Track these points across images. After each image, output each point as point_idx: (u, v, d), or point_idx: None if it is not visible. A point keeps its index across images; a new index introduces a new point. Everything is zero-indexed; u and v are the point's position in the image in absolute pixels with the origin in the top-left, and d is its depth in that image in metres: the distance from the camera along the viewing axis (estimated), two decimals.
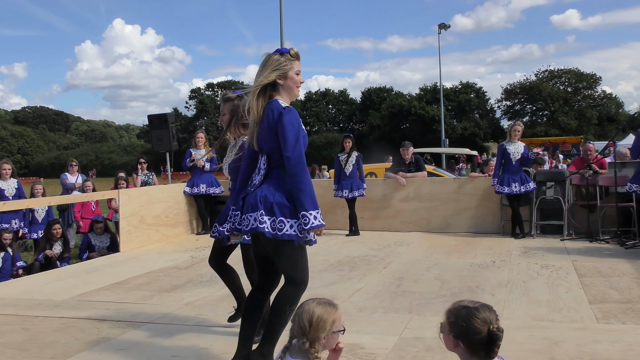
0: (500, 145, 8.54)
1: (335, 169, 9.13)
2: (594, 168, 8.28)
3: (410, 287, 5.40)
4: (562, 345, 3.64)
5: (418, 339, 3.82)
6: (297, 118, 3.15)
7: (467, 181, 9.38)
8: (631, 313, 4.30)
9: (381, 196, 9.49)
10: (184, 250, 7.93)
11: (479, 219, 8.97)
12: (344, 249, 7.68)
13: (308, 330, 2.43)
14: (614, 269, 5.88)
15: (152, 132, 10.47)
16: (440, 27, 40.65)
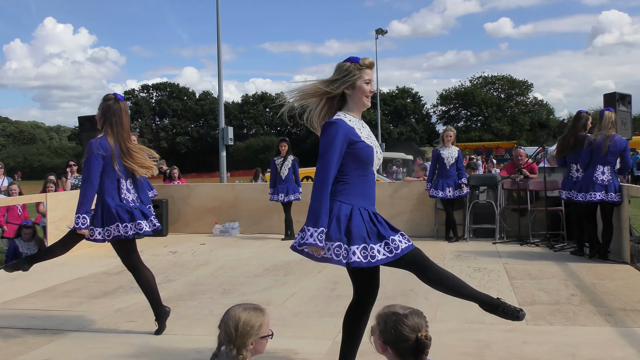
0: (435, 150, 8.68)
1: (271, 172, 9.04)
2: (525, 173, 8.55)
3: (345, 291, 5.36)
4: (493, 347, 3.70)
5: None
6: (334, 132, 2.91)
7: (402, 185, 9.50)
8: (558, 314, 4.43)
9: None
10: (115, 256, 7.54)
11: (414, 223, 9.08)
12: (279, 254, 7.60)
13: (235, 336, 2.40)
14: (543, 272, 6.06)
15: (83, 134, 10.01)
16: (377, 32, 41.28)
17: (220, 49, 19.46)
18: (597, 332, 3.95)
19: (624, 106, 7.80)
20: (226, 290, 5.51)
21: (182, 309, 4.86)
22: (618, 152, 6.53)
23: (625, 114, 7.80)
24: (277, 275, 6.22)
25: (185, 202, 10.01)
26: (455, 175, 8.34)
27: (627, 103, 7.91)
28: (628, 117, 7.94)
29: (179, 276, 6.22)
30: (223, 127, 19.10)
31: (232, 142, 19.39)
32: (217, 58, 19.53)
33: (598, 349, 3.61)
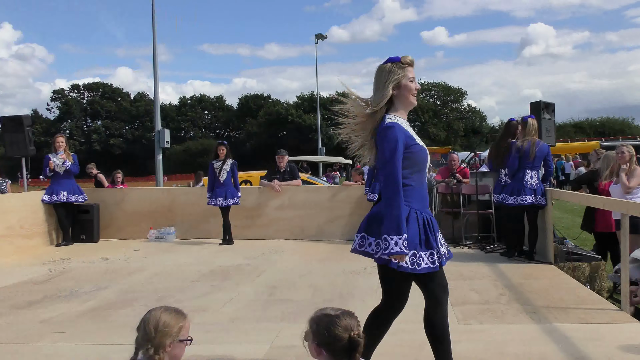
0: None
1: (209, 176, 8.94)
2: (458, 177, 8.81)
3: (283, 296, 5.40)
4: (426, 347, 3.76)
5: (289, 347, 3.81)
6: (395, 134, 2.89)
7: (340, 189, 9.59)
8: (488, 313, 4.59)
9: (256, 204, 9.43)
10: (42, 263, 7.36)
11: (352, 226, 9.16)
12: (217, 259, 7.52)
13: (153, 335, 2.39)
14: (475, 272, 6.26)
15: (5, 135, 9.63)
16: (317, 37, 41.52)
17: (156, 49, 19.05)
18: (523, 330, 4.12)
19: (548, 114, 8.18)
20: (161, 297, 5.39)
21: (114, 317, 4.73)
22: (542, 157, 6.86)
23: (550, 122, 8.18)
24: (214, 280, 6.15)
25: (118, 207, 9.73)
26: None
27: (551, 111, 8.30)
28: (552, 125, 8.33)
29: (110, 284, 6.05)
30: (159, 130, 18.72)
31: (168, 145, 19.03)
32: (153, 58, 19.11)
33: (524, 346, 3.76)
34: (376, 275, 6.22)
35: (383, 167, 2.89)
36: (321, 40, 42.06)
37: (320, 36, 41.60)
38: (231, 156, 9.00)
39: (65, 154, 8.94)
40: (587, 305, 4.73)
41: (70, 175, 9.01)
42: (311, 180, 12.34)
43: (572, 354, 3.61)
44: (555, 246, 6.76)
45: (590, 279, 6.29)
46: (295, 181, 9.53)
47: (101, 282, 6.10)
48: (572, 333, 3.97)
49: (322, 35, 41.88)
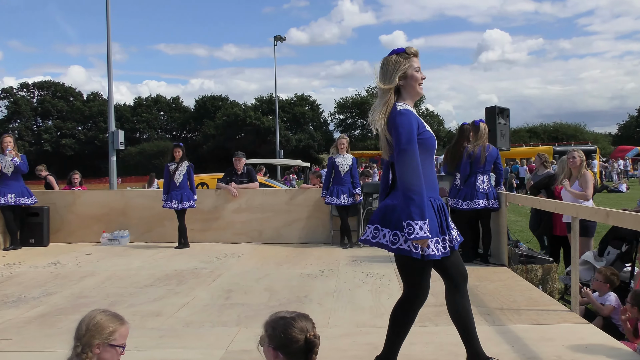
0: (330, 157, 8.82)
1: (165, 178, 8.78)
2: None
3: (240, 299, 5.34)
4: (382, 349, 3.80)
5: (245, 352, 3.77)
6: (409, 120, 2.94)
7: (298, 192, 9.57)
8: (443, 315, 4.62)
9: (212, 207, 9.32)
10: None
11: (310, 230, 9.18)
12: (172, 262, 7.40)
13: (83, 334, 2.39)
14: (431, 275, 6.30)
15: None
16: (276, 39, 41.50)
17: (110, 48, 18.66)
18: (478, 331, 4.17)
19: (503, 119, 8.35)
20: (113, 302, 5.26)
21: (64, 323, 4.57)
22: (492, 161, 6.99)
23: (504, 127, 8.35)
24: (169, 285, 6.03)
25: (69, 210, 9.47)
26: (350, 182, 8.53)
27: (506, 116, 8.48)
28: (506, 129, 8.50)
29: (60, 289, 5.86)
30: (113, 131, 18.35)
31: (123, 146, 18.67)
32: (107, 57, 18.71)
33: None
34: (333, 279, 6.26)
35: (400, 154, 2.89)
36: (280, 42, 42.08)
37: (279, 38, 41.60)
38: (187, 158, 8.88)
39: (14, 154, 8.65)
40: (539, 307, 4.84)
41: (19, 177, 8.72)
42: (269, 183, 12.28)
43: (524, 354, 3.68)
44: (509, 249, 6.90)
45: (542, 280, 6.45)
46: (252, 184, 9.46)
47: (50, 287, 5.91)
48: (524, 334, 4.05)
49: (281, 37, 41.89)
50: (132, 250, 8.55)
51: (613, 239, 5.90)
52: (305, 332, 2.24)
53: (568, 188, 6.52)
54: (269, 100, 64.81)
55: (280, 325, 2.25)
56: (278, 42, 41.80)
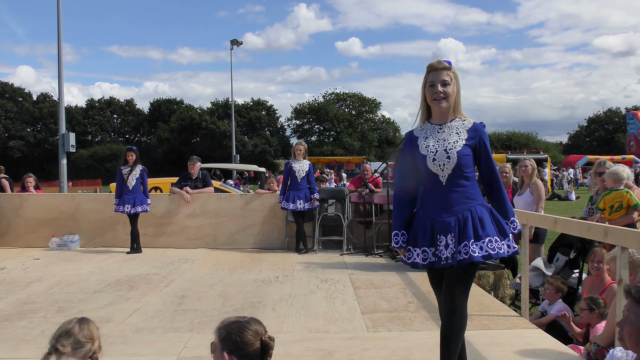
0: (287, 163, 8.83)
1: (117, 182, 8.60)
2: (370, 187, 8.98)
3: (192, 305, 5.27)
4: (335, 355, 3.82)
5: (197, 358, 3.74)
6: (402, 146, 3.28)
7: (253, 197, 9.51)
8: (397, 321, 4.70)
9: (166, 212, 9.18)
10: None
11: (265, 235, 9.13)
12: (123, 268, 7.24)
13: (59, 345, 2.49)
14: (385, 281, 6.39)
15: None
16: (232, 43, 41.28)
17: (61, 48, 18.20)
18: (429, 336, 4.23)
19: None
20: (62, 307, 5.13)
21: (8, 330, 4.43)
22: None
23: None
24: (120, 290, 5.91)
25: (16, 213, 9.17)
26: (307, 187, 8.55)
27: None
28: None
29: (6, 294, 5.67)
30: (64, 133, 17.89)
31: (74, 149, 18.22)
32: (58, 58, 18.24)
33: (429, 352, 3.86)
34: (288, 284, 6.27)
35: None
36: (236, 46, 41.88)
37: (235, 42, 41.41)
38: (141, 162, 8.74)
39: None
40: (490, 312, 4.95)
41: None
42: (224, 188, 12.17)
43: (474, 359, 3.75)
44: None
45: (494, 286, 6.58)
46: (207, 189, 9.36)
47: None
48: (475, 339, 4.13)
49: (238, 41, 41.72)
50: (82, 255, 8.34)
51: (562, 246, 6.07)
52: (260, 335, 2.24)
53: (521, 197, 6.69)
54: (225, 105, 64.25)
55: (234, 329, 2.24)
56: (235, 46, 41.61)
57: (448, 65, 3.12)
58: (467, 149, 3.06)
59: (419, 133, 3.17)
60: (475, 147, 3.09)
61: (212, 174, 16.96)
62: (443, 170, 3.05)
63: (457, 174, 3.04)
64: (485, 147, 3.11)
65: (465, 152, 3.05)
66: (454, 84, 3.11)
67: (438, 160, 3.04)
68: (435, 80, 3.08)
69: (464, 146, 3.06)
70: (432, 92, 3.09)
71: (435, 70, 3.11)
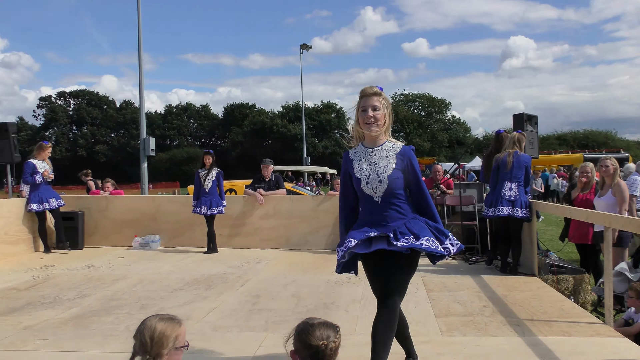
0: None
1: (195, 185, 8.91)
2: (442, 188, 8.85)
3: (267, 305, 5.38)
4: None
5: (272, 357, 3.81)
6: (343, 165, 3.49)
7: (325, 199, 9.59)
8: (472, 325, 4.61)
9: (240, 213, 9.41)
10: (26, 270, 7.30)
11: (337, 236, 9.01)
12: (201, 267, 7.48)
13: (150, 346, 2.40)
14: (459, 284, 6.29)
15: None
16: (302, 47, 41.75)
17: (141, 58, 19.04)
18: (506, 342, 4.14)
19: (531, 126, 8.27)
20: (144, 305, 5.36)
21: (96, 325, 4.68)
22: (522, 168, 6.86)
23: (533, 134, 8.27)
24: (198, 289, 6.11)
25: (102, 215, 9.66)
26: None
27: (534, 123, 8.40)
28: (535, 137, 8.42)
29: (94, 291, 5.99)
30: (145, 138, 18.66)
31: (154, 153, 18.98)
32: (139, 67, 19.10)
33: (506, 358, 3.78)
34: (360, 286, 6.27)
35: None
36: (306, 51, 42.29)
37: (305, 46, 41.84)
38: (217, 165, 9.00)
39: (46, 161, 8.96)
40: (571, 319, 4.76)
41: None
42: (296, 190, 12.34)
43: None
44: (539, 258, 6.81)
45: (574, 291, 6.34)
46: (279, 190, 9.52)
47: (85, 290, 6.04)
48: (555, 346, 3.99)
49: (307, 46, 42.15)
50: (162, 254, 8.69)
51: None
52: (320, 341, 2.28)
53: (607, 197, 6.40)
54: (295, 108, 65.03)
55: (300, 329, 2.33)
56: (304, 50, 42.04)
57: (379, 91, 3.31)
58: (397, 172, 3.28)
59: (354, 156, 3.41)
60: (405, 169, 3.31)
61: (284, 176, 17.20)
62: (376, 192, 3.28)
63: (389, 194, 3.27)
64: (413, 169, 3.33)
65: (396, 175, 3.27)
66: (384, 109, 3.30)
67: (371, 183, 3.28)
68: (366, 105, 3.27)
69: (394, 169, 3.28)
70: (363, 117, 3.27)
71: (367, 95, 3.29)
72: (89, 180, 12.23)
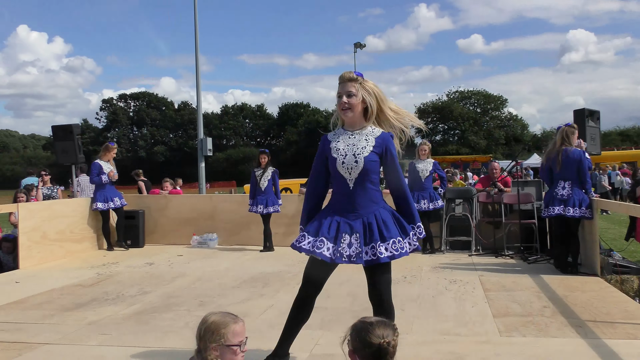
0: (411, 163, 8.79)
1: (251, 184, 9.04)
2: (499, 186, 8.67)
3: (322, 303, 5.36)
4: (466, 359, 3.75)
5: (328, 356, 3.82)
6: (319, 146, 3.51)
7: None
8: (531, 326, 4.50)
9: (296, 212, 9.47)
10: (90, 267, 7.59)
11: None
12: (257, 265, 7.59)
13: (201, 336, 2.47)
14: (517, 283, 6.15)
15: (57, 143, 9.95)
16: (356, 46, 41.58)
17: (198, 60, 19.39)
18: (567, 344, 4.02)
19: (593, 122, 7.98)
20: (203, 302, 5.49)
21: (157, 321, 4.82)
22: (573, 164, 6.63)
23: (594, 130, 7.98)
24: (254, 287, 6.20)
25: (162, 213, 9.95)
26: (431, 187, 8.49)
27: (596, 119, 8.10)
28: (597, 133, 8.12)
29: (154, 288, 6.18)
30: (202, 138, 19.04)
31: (211, 152, 19.33)
32: (196, 69, 19.47)
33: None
34: (416, 285, 6.24)
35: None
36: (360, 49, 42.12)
37: (358, 45, 41.66)
38: (272, 164, 9.10)
39: (110, 162, 9.32)
40: (636, 320, 4.58)
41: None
42: None
43: None
44: (601, 258, 6.57)
45: (639, 292, 6.10)
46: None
47: (145, 287, 6.24)
48: (620, 349, 3.85)
49: (361, 44, 41.96)
50: (220, 252, 8.87)
51: None
52: (381, 339, 2.26)
53: None
54: None
55: (358, 328, 2.31)
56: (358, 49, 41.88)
57: (354, 77, 3.30)
58: (374, 155, 3.28)
59: (332, 137, 3.42)
60: (382, 154, 3.31)
61: None
62: (350, 174, 3.30)
63: (363, 178, 3.29)
64: (391, 155, 3.32)
65: (372, 158, 3.28)
66: (362, 95, 3.29)
67: (347, 163, 3.29)
68: (342, 91, 3.29)
69: (371, 152, 3.28)
70: (339, 103, 3.30)
71: (343, 82, 3.31)
72: (139, 180, 12.55)
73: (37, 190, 10.35)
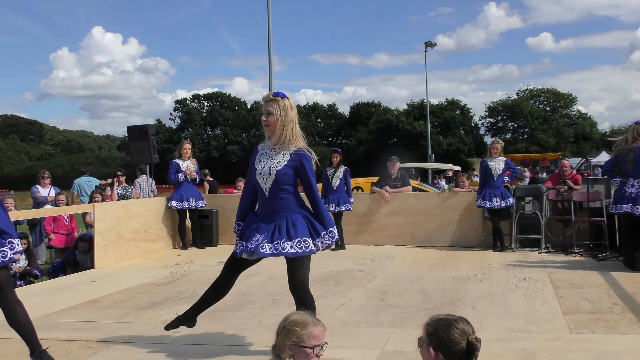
0: (482, 161, 8.72)
1: (323, 183, 9.07)
2: (569, 184, 8.47)
3: (394, 301, 5.45)
4: (537, 355, 3.74)
5: (400, 353, 3.85)
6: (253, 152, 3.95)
7: (450, 196, 9.50)
8: (601, 323, 4.42)
9: (367, 210, 9.56)
10: (164, 266, 7.70)
11: (462, 233, 9.08)
12: (329, 264, 7.63)
13: (278, 333, 2.52)
14: (587, 281, 6.03)
15: (132, 144, 9.86)
16: (426, 45, 41.08)
17: (271, 60, 19.58)
18: (637, 340, 3.94)
19: None
20: (275, 300, 5.56)
21: (230, 319, 4.90)
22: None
23: None
24: (326, 285, 6.26)
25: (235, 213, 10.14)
26: (502, 186, 8.42)
27: None
28: None
29: None
30: None
31: None
32: (269, 69, 19.70)
33: (639, 357, 3.61)
34: (486, 283, 6.25)
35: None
36: (430, 48, 41.58)
37: (429, 44, 41.13)
38: (344, 163, 9.17)
39: (190, 160, 9.35)
40: None
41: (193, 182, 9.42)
42: (421, 187, 12.30)
43: None
44: None
45: None
46: (405, 188, 9.57)
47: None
48: None
49: (432, 43, 41.41)
50: None
51: None
52: (467, 335, 2.23)
53: None
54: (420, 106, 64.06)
55: (442, 326, 2.26)
56: (429, 48, 41.36)
57: (273, 98, 3.64)
58: (287, 169, 3.65)
59: (261, 149, 3.79)
60: (296, 168, 3.66)
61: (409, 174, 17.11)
62: (265, 184, 3.69)
63: (276, 188, 3.66)
64: (304, 170, 3.66)
65: (285, 172, 3.65)
66: (280, 114, 3.61)
67: (263, 175, 3.68)
68: (264, 110, 3.65)
69: (285, 167, 3.64)
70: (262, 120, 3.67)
71: (265, 101, 3.67)
72: (205, 180, 12.78)
73: (112, 190, 10.52)
